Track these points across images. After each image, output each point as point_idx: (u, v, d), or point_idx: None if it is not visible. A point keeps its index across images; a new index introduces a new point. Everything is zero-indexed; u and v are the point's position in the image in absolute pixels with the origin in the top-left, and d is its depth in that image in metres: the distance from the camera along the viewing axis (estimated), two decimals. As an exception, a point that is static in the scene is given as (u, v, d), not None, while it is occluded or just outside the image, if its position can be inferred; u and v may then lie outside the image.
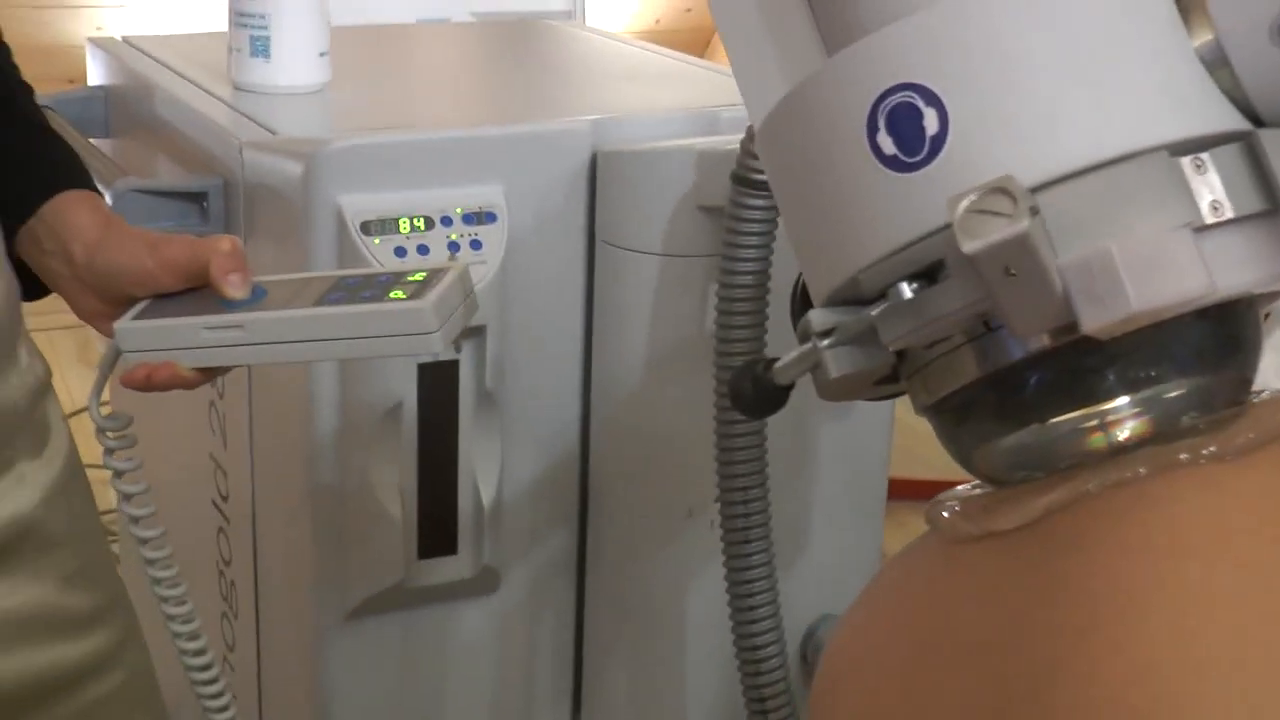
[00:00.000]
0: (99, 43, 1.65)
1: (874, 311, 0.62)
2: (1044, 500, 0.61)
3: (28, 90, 1.14)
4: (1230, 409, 0.63)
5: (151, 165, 1.50)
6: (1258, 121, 0.59)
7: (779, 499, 1.24)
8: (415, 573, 1.30)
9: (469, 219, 1.24)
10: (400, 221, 1.23)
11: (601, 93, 1.56)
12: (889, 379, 0.67)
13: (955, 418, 0.65)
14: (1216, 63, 0.59)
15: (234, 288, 0.97)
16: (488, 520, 1.31)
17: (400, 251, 1.22)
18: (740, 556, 1.22)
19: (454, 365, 1.26)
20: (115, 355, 0.99)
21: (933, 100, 0.59)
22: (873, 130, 0.60)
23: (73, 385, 3.26)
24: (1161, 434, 0.61)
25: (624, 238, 1.28)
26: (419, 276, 0.95)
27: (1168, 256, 0.55)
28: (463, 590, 1.33)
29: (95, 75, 1.65)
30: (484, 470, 1.30)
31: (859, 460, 1.44)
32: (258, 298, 0.98)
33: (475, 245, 1.24)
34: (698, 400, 1.23)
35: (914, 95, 0.60)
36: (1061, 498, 0.61)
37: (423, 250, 1.23)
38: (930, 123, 0.59)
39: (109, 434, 1.01)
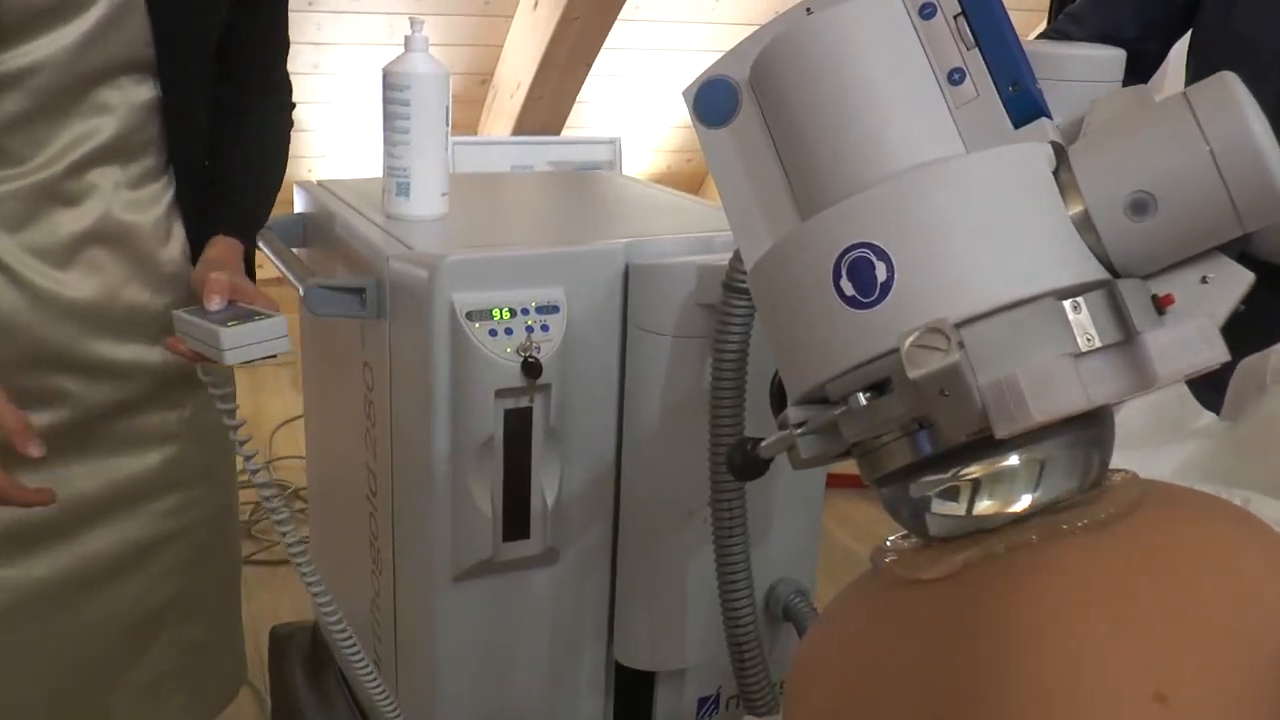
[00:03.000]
0: (302, 184, 1.61)
1: (836, 412, 0.54)
2: (961, 557, 0.53)
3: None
4: (1095, 489, 0.54)
5: (331, 268, 1.44)
6: (1114, 271, 0.53)
7: (752, 495, 1.18)
8: (500, 551, 1.24)
9: (540, 310, 1.18)
10: (493, 311, 1.16)
11: (631, 222, 1.51)
12: (843, 455, 0.59)
13: (894, 489, 0.57)
14: (1085, 228, 0.53)
15: (210, 304, 1.09)
16: (550, 515, 1.25)
17: (493, 332, 1.16)
18: (725, 545, 1.17)
19: (529, 410, 1.20)
20: None
21: (882, 255, 0.52)
22: (836, 277, 0.53)
23: (291, 403, 3.20)
24: (1048, 507, 0.53)
25: (647, 323, 1.22)
26: (258, 316, 0.97)
27: (1057, 378, 0.49)
28: (533, 563, 1.28)
29: (298, 205, 1.60)
30: (549, 482, 1.24)
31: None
32: (220, 312, 1.04)
33: (545, 329, 1.18)
34: (696, 435, 1.16)
35: (868, 251, 0.52)
36: (974, 556, 0.53)
37: (509, 332, 1.16)
38: (880, 272, 0.52)
39: (213, 386, 1.10)
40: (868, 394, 0.53)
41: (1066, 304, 0.51)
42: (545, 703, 1.34)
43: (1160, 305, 0.54)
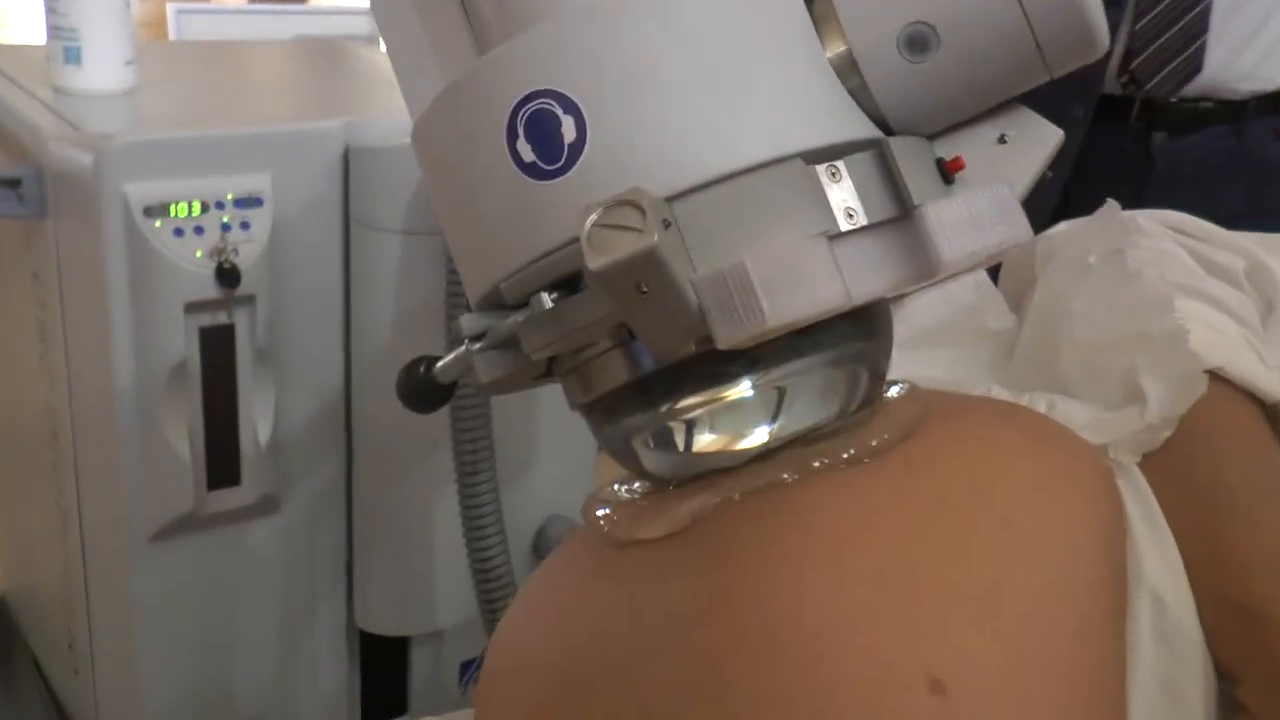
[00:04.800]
0: (-47, 52, 1.41)
1: (518, 320, 0.45)
2: (687, 508, 0.45)
3: None
4: (864, 409, 0.47)
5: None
6: (887, 129, 0.47)
7: (514, 416, 1.11)
8: (205, 502, 1.13)
9: (240, 204, 1.07)
10: (180, 205, 1.04)
11: (359, 98, 1.40)
12: (544, 375, 0.51)
13: (606, 416, 0.48)
14: (848, 72, 0.45)
15: None
16: (266, 455, 1.14)
17: (179, 232, 1.04)
18: (469, 481, 1.09)
19: (230, 328, 1.09)
20: None
21: (571, 108, 0.44)
22: (512, 137, 0.45)
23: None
24: (800, 437, 0.45)
25: (372, 218, 1.12)
26: None
27: (803, 267, 0.41)
28: (248, 514, 1.17)
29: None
30: (261, 414, 1.14)
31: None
32: None
33: (245, 226, 1.07)
34: (436, 349, 1.06)
35: (552, 102, 0.44)
36: (705, 504, 0.45)
37: (198, 231, 1.05)
38: (568, 130, 0.44)
39: None
40: (554, 294, 0.44)
41: (821, 169, 0.44)
42: (274, 679, 1.24)
43: (947, 171, 0.47)
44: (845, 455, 0.45)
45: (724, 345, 0.40)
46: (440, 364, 0.52)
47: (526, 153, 0.44)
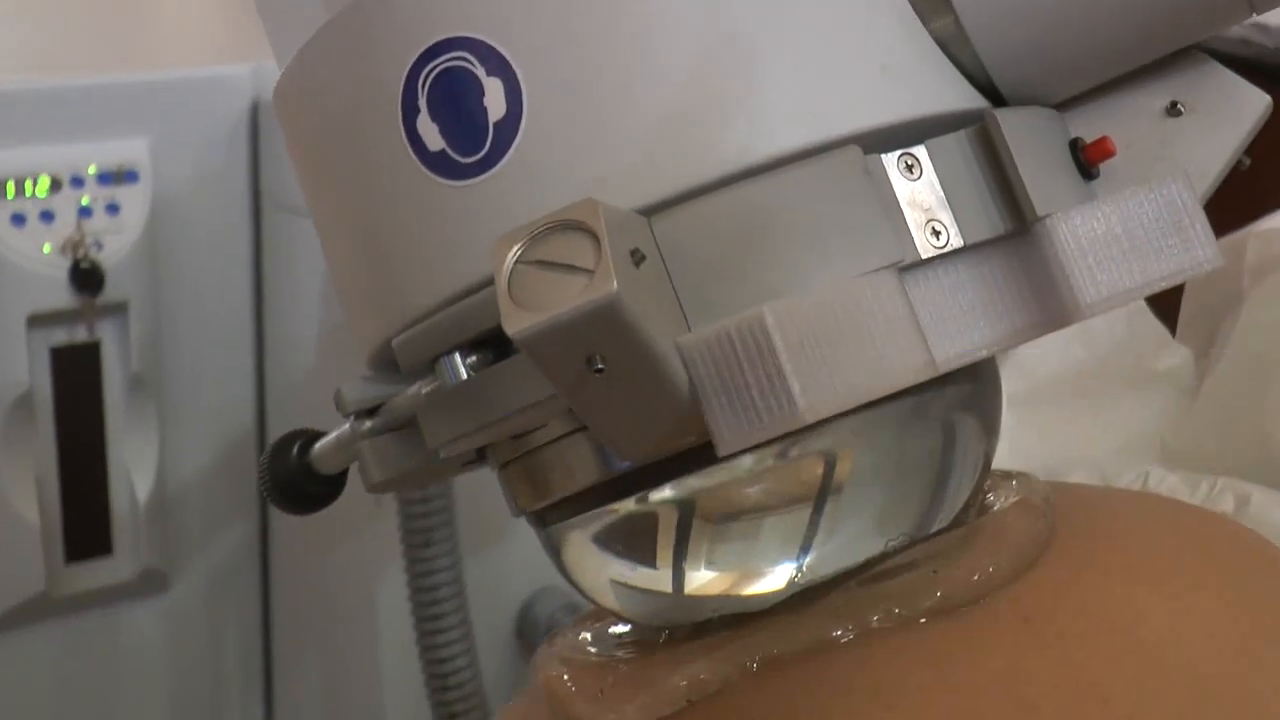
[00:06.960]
0: None
1: (422, 390, 0.40)
2: (683, 680, 0.40)
3: None
4: (959, 523, 0.42)
5: None
6: (995, 95, 0.41)
7: (485, 478, 1.05)
8: (62, 580, 1.12)
9: (105, 179, 1.05)
10: (22, 183, 1.03)
11: None
12: (479, 459, 0.46)
13: (564, 530, 0.43)
14: (934, 7, 0.40)
15: None
16: (146, 516, 1.13)
17: (19, 219, 1.03)
18: (420, 554, 1.05)
19: (94, 348, 1.08)
20: None
21: (499, 66, 0.38)
22: (410, 111, 0.39)
23: None
24: (857, 572, 0.40)
25: (293, 198, 1.06)
26: None
27: (860, 321, 0.35)
28: (124, 593, 1.16)
29: None
30: (139, 462, 1.13)
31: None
32: None
33: (112, 209, 1.05)
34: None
35: (469, 57, 0.38)
36: (709, 676, 0.39)
37: (46, 217, 1.03)
38: (494, 102, 0.38)
39: None
40: (471, 357, 0.38)
41: (889, 160, 0.38)
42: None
43: (1088, 160, 0.42)
44: (928, 602, 0.38)
45: (728, 450, 0.33)
46: (320, 445, 0.45)
47: (431, 136, 0.38)
